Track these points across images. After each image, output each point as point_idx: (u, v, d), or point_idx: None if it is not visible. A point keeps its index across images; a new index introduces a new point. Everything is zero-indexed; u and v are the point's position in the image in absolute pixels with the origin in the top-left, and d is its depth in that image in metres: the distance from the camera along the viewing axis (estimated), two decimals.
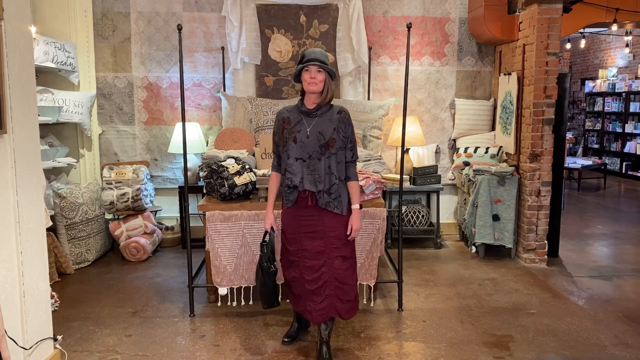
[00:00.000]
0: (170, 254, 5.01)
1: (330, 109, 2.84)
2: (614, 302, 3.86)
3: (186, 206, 3.63)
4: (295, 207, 2.85)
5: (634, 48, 10.46)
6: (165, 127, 5.34)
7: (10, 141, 2.43)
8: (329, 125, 2.79)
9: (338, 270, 2.82)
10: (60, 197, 4.41)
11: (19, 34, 2.48)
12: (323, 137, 2.76)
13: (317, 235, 2.82)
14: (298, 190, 2.80)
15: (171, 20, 5.19)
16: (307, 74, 2.76)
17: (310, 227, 2.83)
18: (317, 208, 2.81)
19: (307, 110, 2.82)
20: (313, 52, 2.78)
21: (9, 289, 2.45)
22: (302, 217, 2.84)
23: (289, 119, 2.84)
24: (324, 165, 2.77)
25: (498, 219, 4.76)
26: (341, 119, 2.82)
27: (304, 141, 2.77)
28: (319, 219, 2.82)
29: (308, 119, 2.81)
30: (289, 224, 2.90)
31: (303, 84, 2.80)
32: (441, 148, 5.60)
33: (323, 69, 2.75)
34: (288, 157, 2.79)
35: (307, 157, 2.78)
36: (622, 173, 10.38)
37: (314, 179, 2.77)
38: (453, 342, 3.21)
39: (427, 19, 5.38)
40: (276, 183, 2.95)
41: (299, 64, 2.81)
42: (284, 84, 5.28)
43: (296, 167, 2.78)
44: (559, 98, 4.66)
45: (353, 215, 2.85)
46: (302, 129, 2.79)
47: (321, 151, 2.77)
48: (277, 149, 2.92)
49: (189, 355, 3.03)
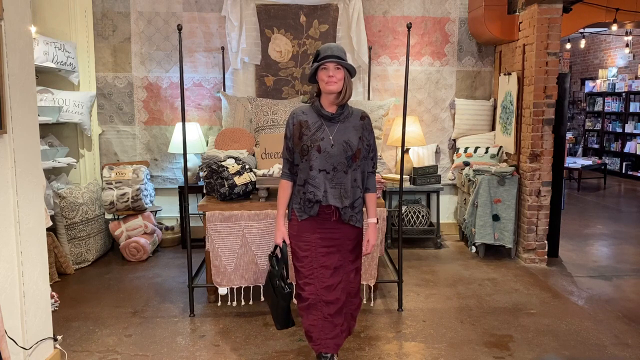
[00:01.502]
0: (170, 254, 5.01)
1: (352, 113, 2.58)
2: (614, 302, 3.86)
3: (186, 206, 3.63)
4: (312, 220, 2.55)
5: (634, 48, 10.46)
6: (165, 127, 5.34)
7: (10, 141, 2.43)
8: (354, 134, 2.53)
9: (351, 285, 2.65)
10: (60, 197, 4.41)
11: (19, 34, 2.48)
12: (350, 147, 2.50)
13: (335, 250, 2.57)
14: (320, 204, 2.51)
15: (171, 20, 5.19)
16: (324, 72, 2.47)
17: (328, 242, 2.56)
18: (338, 222, 2.56)
19: (328, 114, 2.52)
20: (329, 47, 2.49)
21: (9, 289, 2.45)
22: (320, 231, 2.55)
23: (307, 123, 2.53)
24: (350, 179, 2.53)
25: (498, 219, 4.76)
26: (365, 126, 2.58)
27: (329, 151, 2.48)
28: (338, 232, 2.57)
29: (329, 125, 2.53)
30: (301, 239, 2.57)
31: (320, 84, 2.51)
32: (441, 148, 5.60)
33: (342, 65, 2.47)
34: (311, 168, 2.49)
35: (332, 169, 2.50)
36: (622, 173, 10.38)
37: (339, 194, 2.51)
38: (453, 342, 3.21)
39: (427, 19, 5.38)
40: (287, 193, 2.62)
41: (314, 61, 2.52)
42: (284, 84, 5.28)
43: (319, 179, 2.50)
44: (559, 98, 4.66)
45: (370, 229, 2.64)
46: (325, 136, 2.50)
47: (348, 163, 2.51)
48: (290, 155, 2.60)
49: (189, 355, 3.03)
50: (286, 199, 2.63)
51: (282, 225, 2.63)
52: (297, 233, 2.58)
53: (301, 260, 2.58)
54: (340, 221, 2.55)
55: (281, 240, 2.63)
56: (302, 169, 2.54)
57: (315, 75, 2.53)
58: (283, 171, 2.65)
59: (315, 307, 2.56)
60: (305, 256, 2.56)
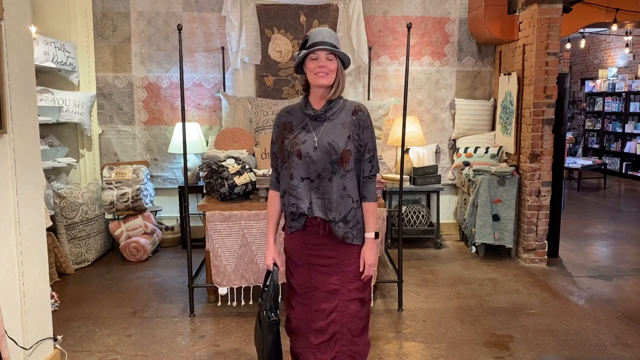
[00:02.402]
0: (170, 254, 5.01)
1: (343, 108, 2.17)
2: (614, 302, 3.86)
3: (186, 206, 3.63)
4: (303, 232, 2.20)
5: (634, 48, 10.46)
6: (165, 127, 5.34)
7: (10, 141, 2.43)
8: (341, 133, 2.12)
9: (353, 319, 2.17)
10: (60, 197, 4.41)
11: (19, 34, 2.48)
12: (334, 149, 2.10)
13: (331, 270, 2.18)
14: (306, 216, 2.16)
15: (171, 20, 5.19)
16: (313, 63, 2.07)
17: (322, 260, 2.19)
18: (330, 238, 2.17)
19: (313, 112, 2.14)
20: (320, 32, 2.09)
21: (9, 289, 2.45)
22: (312, 246, 2.19)
23: (290, 124, 2.19)
24: (337, 187, 2.12)
25: (498, 219, 4.76)
26: (356, 122, 2.15)
27: (311, 155, 2.10)
28: (332, 249, 2.18)
29: (315, 124, 2.15)
30: (294, 253, 2.24)
31: (308, 75, 2.12)
32: (441, 148, 5.60)
33: (335, 54, 2.08)
34: (291, 177, 2.14)
35: (316, 177, 2.12)
36: (622, 173, 10.38)
37: (324, 205, 2.13)
38: (453, 342, 3.21)
39: (427, 19, 5.38)
40: (276, 206, 2.28)
41: (301, 48, 2.12)
42: (284, 84, 5.28)
43: (302, 189, 2.13)
44: (559, 98, 4.66)
45: (366, 246, 2.19)
46: (308, 138, 2.12)
47: (333, 169, 2.11)
48: (275, 162, 2.27)
49: (189, 355, 3.03)
50: (276, 212, 2.28)
51: (272, 244, 2.27)
52: (290, 246, 2.25)
53: (295, 276, 2.25)
54: (333, 237, 2.16)
55: (271, 262, 2.26)
56: (282, 178, 2.20)
57: (303, 65, 2.13)
58: (271, 180, 2.31)
59: (300, 333, 2.24)
60: (299, 272, 2.23)
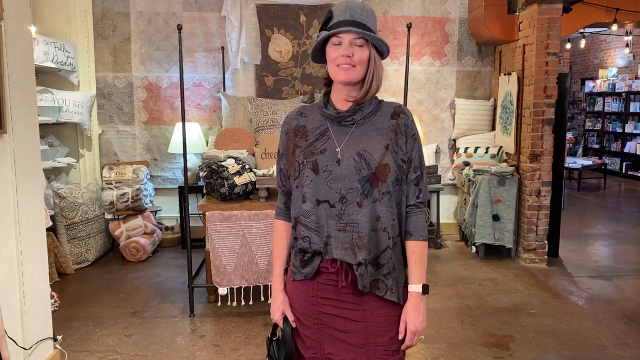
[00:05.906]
0: (170, 254, 5.01)
1: (379, 109, 1.57)
2: (614, 302, 3.86)
3: (186, 206, 3.63)
4: (312, 283, 1.56)
5: (634, 48, 10.46)
6: (165, 127, 5.34)
7: (10, 141, 2.43)
8: (376, 141, 1.52)
9: None
10: (60, 197, 4.41)
11: (19, 34, 2.48)
12: (366, 162, 1.49)
13: (354, 339, 1.54)
14: (321, 257, 1.53)
15: (171, 20, 5.19)
16: (334, 50, 1.49)
17: (340, 322, 1.55)
18: (353, 290, 1.53)
19: (336, 113, 1.55)
20: (348, 7, 1.47)
21: (9, 289, 2.45)
22: (325, 301, 1.56)
23: (304, 128, 1.59)
24: (369, 216, 1.49)
25: (498, 219, 4.76)
26: (397, 128, 1.55)
27: (333, 170, 1.51)
28: (356, 308, 1.54)
29: (338, 129, 1.55)
30: (299, 307, 1.61)
31: (328, 66, 1.53)
32: (441, 148, 5.60)
33: (367, 39, 1.48)
34: (303, 199, 1.53)
35: (338, 199, 1.50)
36: (622, 173, 10.38)
37: (350, 240, 1.49)
38: (453, 342, 3.21)
39: (427, 19, 5.38)
40: (284, 241, 1.67)
41: (321, 28, 1.52)
42: (284, 84, 5.28)
43: (318, 216, 1.52)
44: (559, 98, 4.66)
45: (409, 304, 1.55)
46: (329, 146, 1.53)
47: (363, 190, 1.49)
48: (284, 182, 1.65)
49: (189, 355, 3.03)
50: (283, 249, 1.67)
51: (279, 292, 1.65)
52: (294, 297, 1.62)
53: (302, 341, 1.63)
54: (356, 290, 1.52)
55: (280, 316, 1.64)
56: (293, 201, 1.59)
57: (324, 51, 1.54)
58: (277, 207, 1.70)
59: None
60: (306, 336, 1.61)
